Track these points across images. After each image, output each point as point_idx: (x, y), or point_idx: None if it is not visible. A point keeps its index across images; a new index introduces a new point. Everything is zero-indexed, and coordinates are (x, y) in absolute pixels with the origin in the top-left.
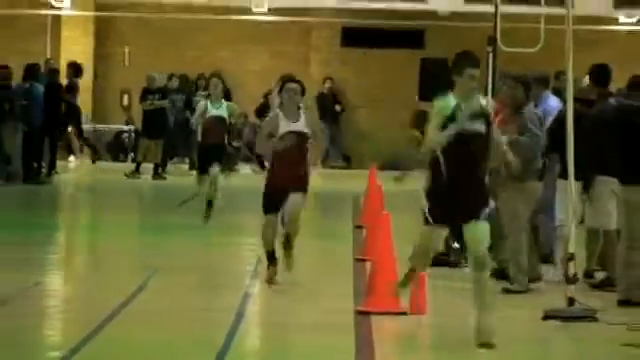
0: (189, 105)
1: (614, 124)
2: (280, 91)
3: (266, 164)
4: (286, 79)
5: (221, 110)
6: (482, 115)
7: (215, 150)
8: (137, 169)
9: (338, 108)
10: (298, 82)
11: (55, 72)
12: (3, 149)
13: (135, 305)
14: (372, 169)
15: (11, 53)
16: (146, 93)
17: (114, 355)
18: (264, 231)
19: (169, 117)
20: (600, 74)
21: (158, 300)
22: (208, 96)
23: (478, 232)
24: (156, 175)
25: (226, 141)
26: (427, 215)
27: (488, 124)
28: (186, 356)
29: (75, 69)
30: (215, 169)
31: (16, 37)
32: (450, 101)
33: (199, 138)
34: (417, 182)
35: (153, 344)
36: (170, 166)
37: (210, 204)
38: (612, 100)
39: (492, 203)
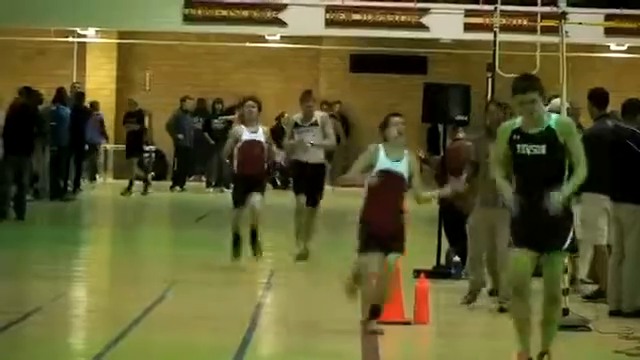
0: (208, 127)
1: (609, 145)
2: (385, 126)
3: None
4: (392, 113)
5: (258, 134)
6: (544, 137)
7: (254, 182)
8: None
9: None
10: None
11: (81, 95)
12: (32, 168)
13: (155, 314)
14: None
15: (43, 79)
16: (127, 116)
17: (136, 359)
18: (360, 282)
19: (144, 138)
20: (599, 97)
21: (176, 309)
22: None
23: (554, 268)
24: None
25: (265, 168)
26: (511, 239)
27: (552, 144)
28: None
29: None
30: (256, 197)
31: (47, 64)
32: (512, 125)
33: (234, 168)
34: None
35: (171, 351)
36: (188, 183)
37: (237, 240)
38: (609, 122)
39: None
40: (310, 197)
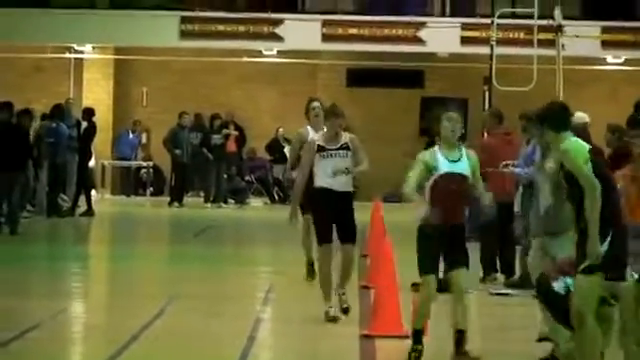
0: (206, 143)
1: None
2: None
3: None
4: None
5: (462, 164)
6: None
7: (460, 237)
8: None
9: None
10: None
11: (92, 112)
12: (29, 184)
13: (153, 329)
14: (376, 202)
15: (40, 95)
16: None
17: None
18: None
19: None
20: None
21: (175, 324)
22: None
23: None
24: None
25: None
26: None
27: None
28: None
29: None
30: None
31: (44, 80)
32: None
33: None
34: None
35: None
36: (186, 199)
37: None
38: None
39: None
40: (345, 230)
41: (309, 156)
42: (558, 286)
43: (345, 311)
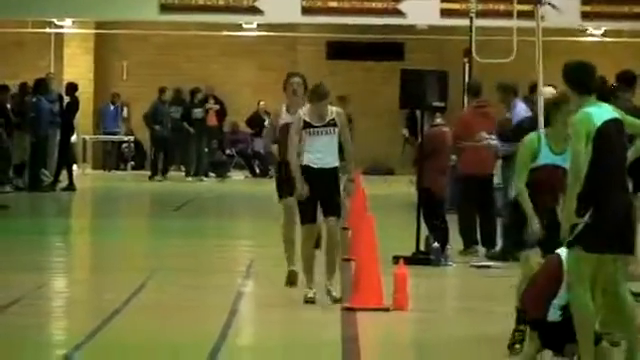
0: (187, 117)
1: None
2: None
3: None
4: None
5: (566, 157)
6: None
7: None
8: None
9: None
10: None
11: (75, 87)
12: (10, 159)
13: (135, 303)
14: (356, 174)
15: (21, 70)
16: None
17: (116, 348)
18: None
19: None
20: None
21: (157, 298)
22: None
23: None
24: None
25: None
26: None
27: None
28: (184, 348)
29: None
30: None
31: (24, 55)
32: None
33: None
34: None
35: (152, 339)
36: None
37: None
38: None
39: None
40: (329, 205)
41: (296, 131)
42: (552, 314)
43: (336, 301)
